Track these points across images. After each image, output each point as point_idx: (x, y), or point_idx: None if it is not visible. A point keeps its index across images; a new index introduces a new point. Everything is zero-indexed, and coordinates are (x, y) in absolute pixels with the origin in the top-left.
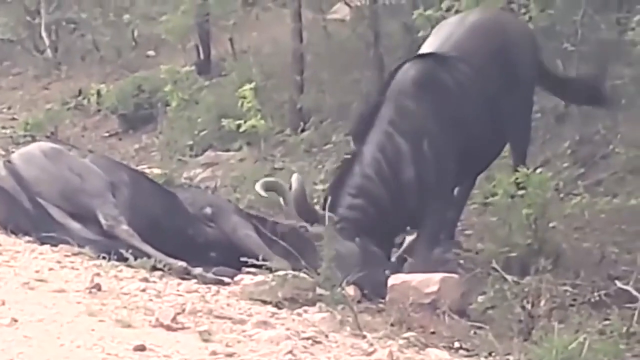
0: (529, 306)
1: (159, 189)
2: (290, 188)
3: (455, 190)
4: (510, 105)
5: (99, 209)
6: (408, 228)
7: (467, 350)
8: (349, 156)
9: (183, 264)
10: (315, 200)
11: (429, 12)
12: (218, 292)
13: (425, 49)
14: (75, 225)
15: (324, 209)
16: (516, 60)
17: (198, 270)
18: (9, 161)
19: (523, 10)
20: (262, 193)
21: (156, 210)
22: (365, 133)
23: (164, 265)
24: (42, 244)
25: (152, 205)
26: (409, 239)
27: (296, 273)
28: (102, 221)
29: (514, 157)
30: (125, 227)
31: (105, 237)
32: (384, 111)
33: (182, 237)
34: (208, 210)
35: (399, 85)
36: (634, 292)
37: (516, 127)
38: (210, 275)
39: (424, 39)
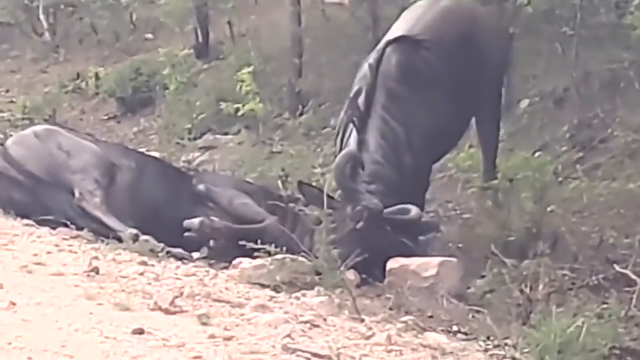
0: (527, 290)
1: (169, 177)
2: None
3: None
4: (478, 92)
5: (77, 184)
6: None
7: (465, 334)
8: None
9: (134, 230)
10: (314, 184)
11: None
12: (216, 275)
13: (395, 31)
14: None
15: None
16: (484, 48)
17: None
18: (1, 144)
19: None
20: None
21: (160, 197)
22: (365, 121)
23: (162, 249)
24: (40, 227)
25: (156, 192)
26: None
27: (294, 257)
28: (76, 195)
29: (483, 146)
30: (96, 200)
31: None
32: (377, 97)
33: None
34: (201, 187)
35: (386, 70)
36: (632, 276)
37: (484, 116)
38: (176, 250)
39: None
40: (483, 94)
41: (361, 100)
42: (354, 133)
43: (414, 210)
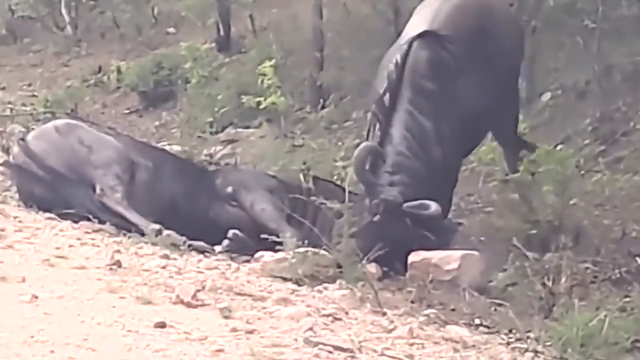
0: (549, 283)
1: (188, 173)
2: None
3: None
4: (496, 85)
5: (99, 180)
6: None
7: (487, 327)
8: (370, 140)
9: (156, 226)
10: (335, 177)
11: None
12: (238, 269)
13: (414, 27)
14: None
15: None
16: (501, 38)
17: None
18: (23, 139)
19: None
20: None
21: (178, 193)
22: (390, 115)
23: (184, 243)
24: (63, 220)
25: (174, 188)
26: None
27: (316, 250)
28: (97, 191)
29: (503, 137)
30: (117, 195)
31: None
32: (403, 92)
33: (203, 219)
34: (229, 189)
35: (412, 65)
36: None
37: (504, 106)
38: (198, 243)
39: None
40: (502, 85)
41: (387, 97)
42: (379, 127)
43: (433, 206)
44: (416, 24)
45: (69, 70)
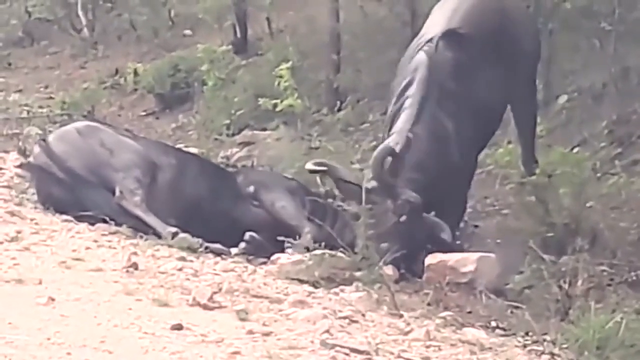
0: (566, 286)
1: (210, 174)
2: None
3: None
4: (514, 84)
5: (119, 183)
6: None
7: (504, 329)
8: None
9: (173, 229)
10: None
11: None
12: (255, 271)
13: (434, 26)
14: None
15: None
16: (517, 36)
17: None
18: (44, 140)
19: None
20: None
21: (201, 194)
22: (419, 114)
23: (201, 245)
24: (79, 222)
25: (197, 190)
26: None
27: (333, 252)
28: (117, 193)
29: (521, 138)
30: (136, 198)
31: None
32: (430, 92)
33: (226, 220)
34: (251, 188)
35: (438, 65)
36: None
37: (521, 103)
38: (215, 245)
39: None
40: (519, 83)
41: (412, 91)
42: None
43: (447, 232)
44: (435, 23)
45: (86, 73)
